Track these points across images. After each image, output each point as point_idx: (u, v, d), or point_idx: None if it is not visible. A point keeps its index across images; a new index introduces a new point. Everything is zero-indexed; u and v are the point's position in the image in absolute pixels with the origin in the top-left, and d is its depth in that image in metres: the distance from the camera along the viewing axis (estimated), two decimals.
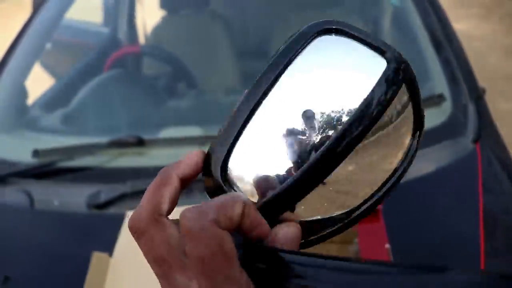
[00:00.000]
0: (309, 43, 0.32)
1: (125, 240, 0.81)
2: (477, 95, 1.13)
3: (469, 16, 4.43)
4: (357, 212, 0.31)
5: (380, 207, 0.72)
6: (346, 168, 0.30)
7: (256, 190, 0.30)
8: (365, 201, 0.31)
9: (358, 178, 0.31)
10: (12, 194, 1.08)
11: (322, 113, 0.30)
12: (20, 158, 1.16)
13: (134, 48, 1.92)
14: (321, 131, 0.29)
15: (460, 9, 4.58)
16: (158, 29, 1.99)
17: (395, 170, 0.33)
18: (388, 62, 0.31)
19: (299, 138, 0.30)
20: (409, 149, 0.33)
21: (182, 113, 1.25)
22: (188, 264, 0.25)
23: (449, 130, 1.03)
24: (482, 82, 1.33)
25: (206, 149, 0.32)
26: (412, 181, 0.94)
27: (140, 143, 1.03)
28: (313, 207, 0.30)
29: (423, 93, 1.04)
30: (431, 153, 0.99)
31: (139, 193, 0.95)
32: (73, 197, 1.02)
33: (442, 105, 1.08)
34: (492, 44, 3.72)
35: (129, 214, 0.86)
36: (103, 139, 1.11)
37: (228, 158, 0.30)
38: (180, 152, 1.02)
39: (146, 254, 0.27)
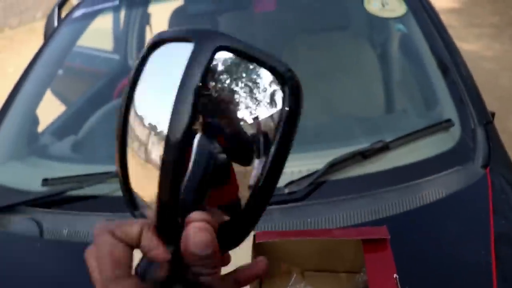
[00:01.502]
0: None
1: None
2: (486, 119, 1.12)
3: (480, 36, 4.43)
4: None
5: (388, 236, 0.71)
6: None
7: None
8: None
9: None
10: (22, 223, 1.09)
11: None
12: (30, 186, 1.17)
13: None
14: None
15: (470, 29, 4.59)
16: None
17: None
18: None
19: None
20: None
21: None
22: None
23: (458, 156, 1.02)
24: (492, 102, 1.32)
25: None
26: (421, 208, 0.93)
27: None
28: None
29: (432, 118, 1.04)
30: (440, 179, 0.98)
31: None
32: (82, 226, 1.02)
33: (451, 130, 1.07)
34: (503, 64, 3.71)
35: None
36: (112, 168, 1.12)
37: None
38: None
39: None
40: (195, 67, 0.30)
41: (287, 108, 0.31)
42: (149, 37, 2.17)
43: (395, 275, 0.65)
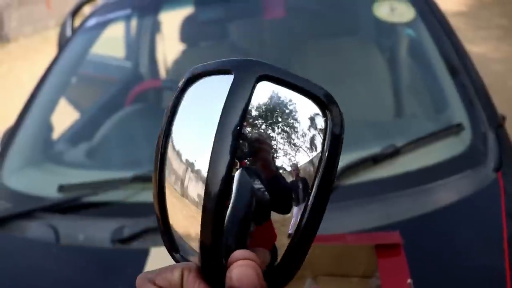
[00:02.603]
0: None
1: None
2: (497, 123, 1.12)
3: (487, 38, 4.41)
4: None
5: (401, 241, 0.71)
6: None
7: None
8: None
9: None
10: (39, 229, 1.11)
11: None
12: (46, 192, 1.20)
13: (155, 82, 1.97)
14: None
15: (478, 31, 4.57)
16: (179, 62, 2.05)
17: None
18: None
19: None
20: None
21: None
22: None
23: (469, 160, 1.03)
24: (501, 104, 1.32)
25: None
26: (433, 212, 0.94)
27: None
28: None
29: (442, 122, 1.05)
30: (452, 183, 0.98)
31: None
32: (98, 232, 1.04)
33: (461, 134, 1.07)
34: (511, 66, 3.69)
35: (153, 250, 0.87)
36: (127, 174, 1.14)
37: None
38: None
39: None
40: (235, 103, 0.29)
41: (326, 152, 0.30)
42: (160, 44, 2.20)
43: (409, 281, 0.66)
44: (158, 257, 0.86)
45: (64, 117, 1.68)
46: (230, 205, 0.30)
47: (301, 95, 0.30)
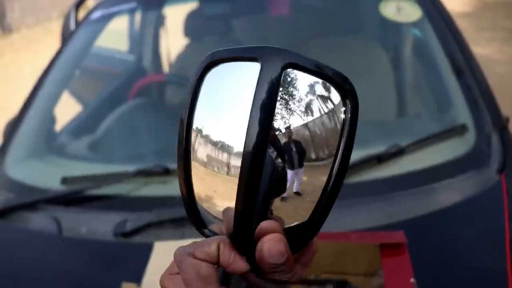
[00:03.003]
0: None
1: (154, 269, 0.82)
2: (501, 124, 1.12)
3: (492, 39, 4.40)
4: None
5: (405, 240, 0.72)
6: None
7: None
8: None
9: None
10: (41, 220, 1.11)
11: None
12: (49, 184, 1.20)
13: (159, 76, 1.97)
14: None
15: (482, 33, 4.56)
16: (182, 57, 2.04)
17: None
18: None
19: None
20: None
21: None
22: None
23: (473, 161, 1.03)
24: (504, 105, 1.32)
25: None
26: (437, 212, 0.94)
27: (166, 172, 1.06)
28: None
29: (446, 123, 1.05)
30: (455, 184, 0.99)
31: (165, 222, 0.97)
32: (100, 225, 1.04)
33: (465, 135, 1.08)
34: None
35: (157, 245, 0.87)
36: (129, 167, 1.14)
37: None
38: None
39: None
40: (266, 85, 0.32)
41: (348, 119, 0.34)
42: (164, 38, 2.20)
43: (412, 280, 0.66)
44: (162, 252, 0.86)
45: (66, 108, 1.68)
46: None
47: (322, 80, 0.34)
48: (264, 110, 0.32)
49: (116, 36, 2.16)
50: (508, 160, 1.04)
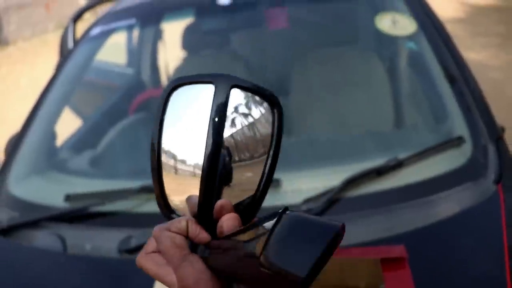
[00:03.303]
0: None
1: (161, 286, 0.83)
2: (497, 135, 1.14)
3: (486, 45, 4.45)
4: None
5: (406, 255, 0.73)
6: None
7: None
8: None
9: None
10: (46, 238, 1.12)
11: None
12: (52, 202, 1.21)
13: (158, 91, 1.99)
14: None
15: (476, 38, 4.60)
16: (180, 70, 2.06)
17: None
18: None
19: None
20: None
21: None
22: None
23: (470, 172, 1.05)
24: (499, 111, 1.34)
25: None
26: (435, 224, 0.96)
27: None
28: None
29: (442, 134, 1.07)
30: (453, 195, 1.00)
31: None
32: (105, 242, 1.05)
33: (462, 146, 1.10)
34: (509, 74, 3.72)
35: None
36: (132, 183, 1.15)
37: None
38: None
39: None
40: (220, 101, 0.42)
41: (276, 121, 0.44)
42: (162, 52, 2.22)
43: None
44: None
45: (64, 121, 1.69)
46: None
47: (258, 97, 0.44)
48: (218, 122, 0.42)
49: (114, 49, 2.18)
50: (505, 171, 1.06)
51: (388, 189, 1.01)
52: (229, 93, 0.42)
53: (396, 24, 1.39)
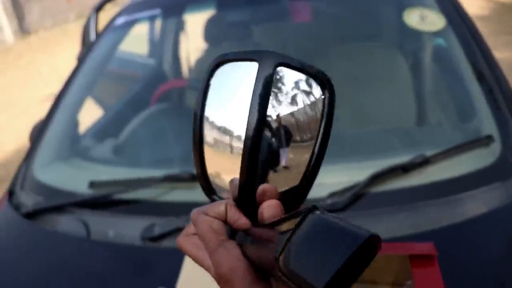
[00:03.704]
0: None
1: (188, 275, 0.84)
2: None
3: (510, 43, 4.36)
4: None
5: (435, 253, 0.72)
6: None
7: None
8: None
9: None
10: (70, 223, 1.14)
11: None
12: (76, 188, 1.22)
13: (181, 82, 1.99)
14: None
15: (500, 37, 4.52)
16: (202, 61, 2.07)
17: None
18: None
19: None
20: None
21: None
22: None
23: (499, 172, 1.03)
24: None
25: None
26: (462, 223, 0.94)
27: (192, 178, 1.08)
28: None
29: (470, 134, 1.05)
30: (481, 195, 0.99)
31: None
32: (128, 229, 1.06)
33: (491, 146, 1.08)
34: None
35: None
36: (155, 172, 1.16)
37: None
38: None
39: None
40: (262, 80, 0.40)
41: (326, 105, 0.41)
42: (184, 43, 2.22)
43: None
44: None
45: (86, 111, 1.70)
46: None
47: (306, 76, 0.41)
48: (261, 99, 0.40)
49: (136, 40, 2.19)
50: None
51: (414, 186, 1.00)
52: (274, 71, 0.40)
53: (425, 19, 1.37)
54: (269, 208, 0.40)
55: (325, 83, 0.42)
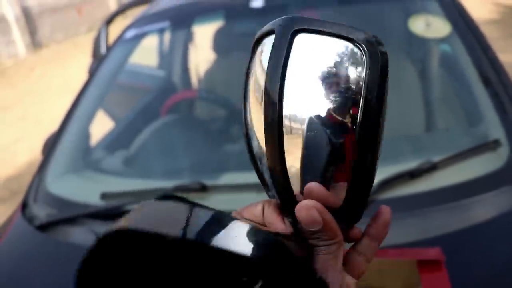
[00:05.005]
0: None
1: None
2: None
3: None
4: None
5: (443, 257, 0.73)
6: None
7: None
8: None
9: None
10: (82, 235, 1.15)
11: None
12: (88, 199, 1.24)
13: (191, 93, 2.02)
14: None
15: (510, 40, 4.49)
16: (211, 72, 2.09)
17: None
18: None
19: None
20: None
21: (240, 158, 1.31)
22: None
23: (506, 176, 1.03)
24: None
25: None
26: (471, 228, 0.94)
27: (203, 188, 1.09)
28: None
29: (478, 138, 1.05)
30: (489, 199, 0.99)
31: None
32: None
33: (498, 150, 1.08)
34: None
35: None
36: (166, 183, 1.17)
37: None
38: (239, 198, 1.06)
39: None
40: (277, 57, 0.33)
41: (367, 80, 0.32)
42: (193, 54, 2.25)
43: None
44: None
45: (97, 123, 1.73)
46: (303, 145, 0.33)
47: (338, 40, 0.33)
48: (273, 73, 0.33)
49: (146, 52, 2.22)
50: None
51: (422, 192, 1.00)
52: (292, 40, 0.33)
53: (430, 26, 1.38)
54: (303, 211, 0.32)
55: (367, 47, 0.33)
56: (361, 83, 0.32)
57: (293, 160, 0.33)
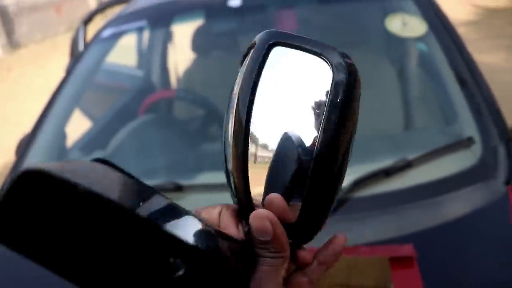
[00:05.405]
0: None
1: None
2: (507, 136, 1.14)
3: (498, 48, 4.41)
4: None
5: (415, 254, 0.73)
6: None
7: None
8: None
9: None
10: None
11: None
12: None
13: (169, 92, 2.00)
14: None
15: (489, 41, 4.57)
16: (190, 71, 2.08)
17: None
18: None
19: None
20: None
21: (218, 157, 1.30)
22: None
23: (480, 173, 1.04)
24: (510, 114, 1.33)
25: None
26: (444, 224, 0.95)
27: (177, 188, 1.08)
28: None
29: (452, 135, 1.07)
30: (463, 196, 1.00)
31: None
32: None
33: (472, 147, 1.09)
34: None
35: None
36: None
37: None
38: (215, 197, 1.05)
39: None
40: (251, 66, 0.34)
41: (338, 99, 0.33)
42: (172, 54, 2.23)
43: None
44: None
45: (73, 122, 1.70)
46: (273, 158, 0.33)
47: (309, 54, 0.34)
48: (246, 86, 0.34)
49: (124, 51, 2.19)
50: None
51: (396, 189, 1.01)
52: (268, 53, 0.34)
53: (406, 25, 1.39)
54: (257, 220, 0.32)
55: (332, 60, 0.33)
56: (325, 104, 0.33)
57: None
